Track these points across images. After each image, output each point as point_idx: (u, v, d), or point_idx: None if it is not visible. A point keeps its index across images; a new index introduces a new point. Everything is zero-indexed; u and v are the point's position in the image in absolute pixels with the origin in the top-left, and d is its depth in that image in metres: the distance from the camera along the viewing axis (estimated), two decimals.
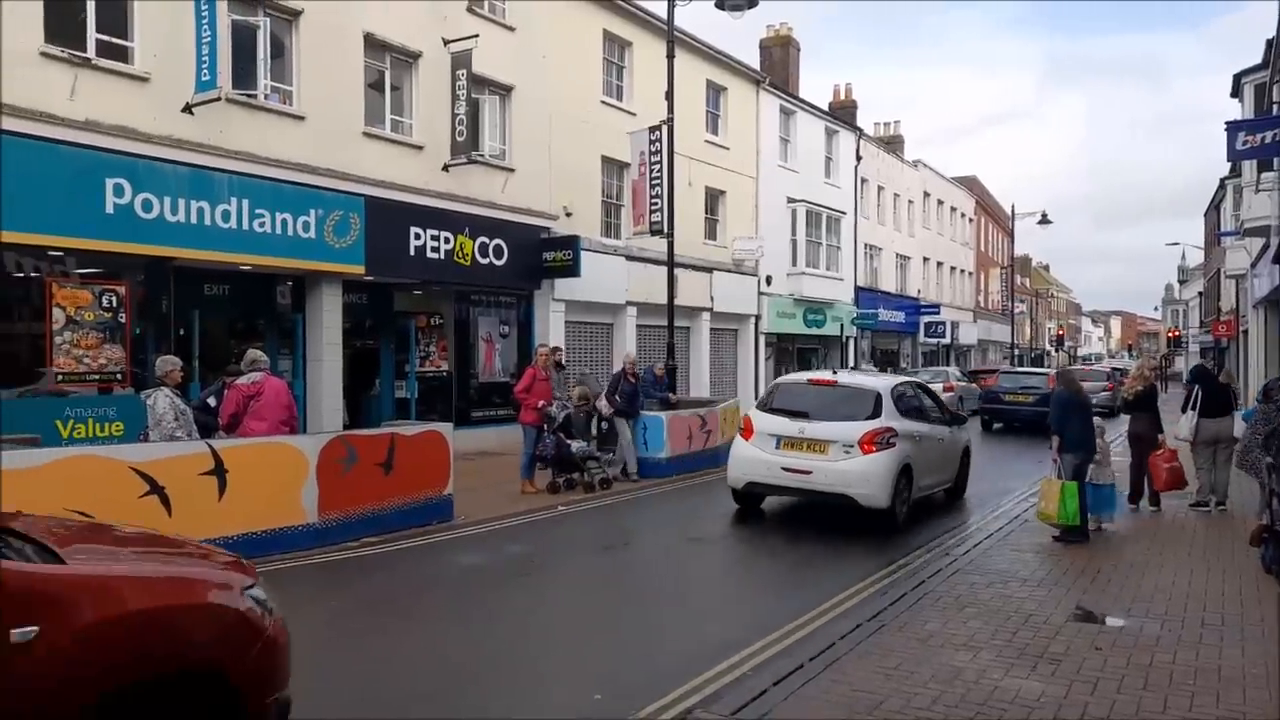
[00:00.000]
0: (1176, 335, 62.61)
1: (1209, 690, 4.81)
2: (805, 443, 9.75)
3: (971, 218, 46.63)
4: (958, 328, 42.09)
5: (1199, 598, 6.69)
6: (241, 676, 3.38)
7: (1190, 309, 63.50)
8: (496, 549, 8.65)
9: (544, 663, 5.59)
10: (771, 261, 25.91)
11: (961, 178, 46.99)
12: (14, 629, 2.75)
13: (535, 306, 17.94)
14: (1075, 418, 9.11)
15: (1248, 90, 23.28)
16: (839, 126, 31.01)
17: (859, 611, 6.39)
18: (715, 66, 23.85)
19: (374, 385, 15.94)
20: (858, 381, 11.02)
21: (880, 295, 33.77)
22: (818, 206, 28.07)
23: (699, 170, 22.62)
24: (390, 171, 14.63)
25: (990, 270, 50.91)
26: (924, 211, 39.42)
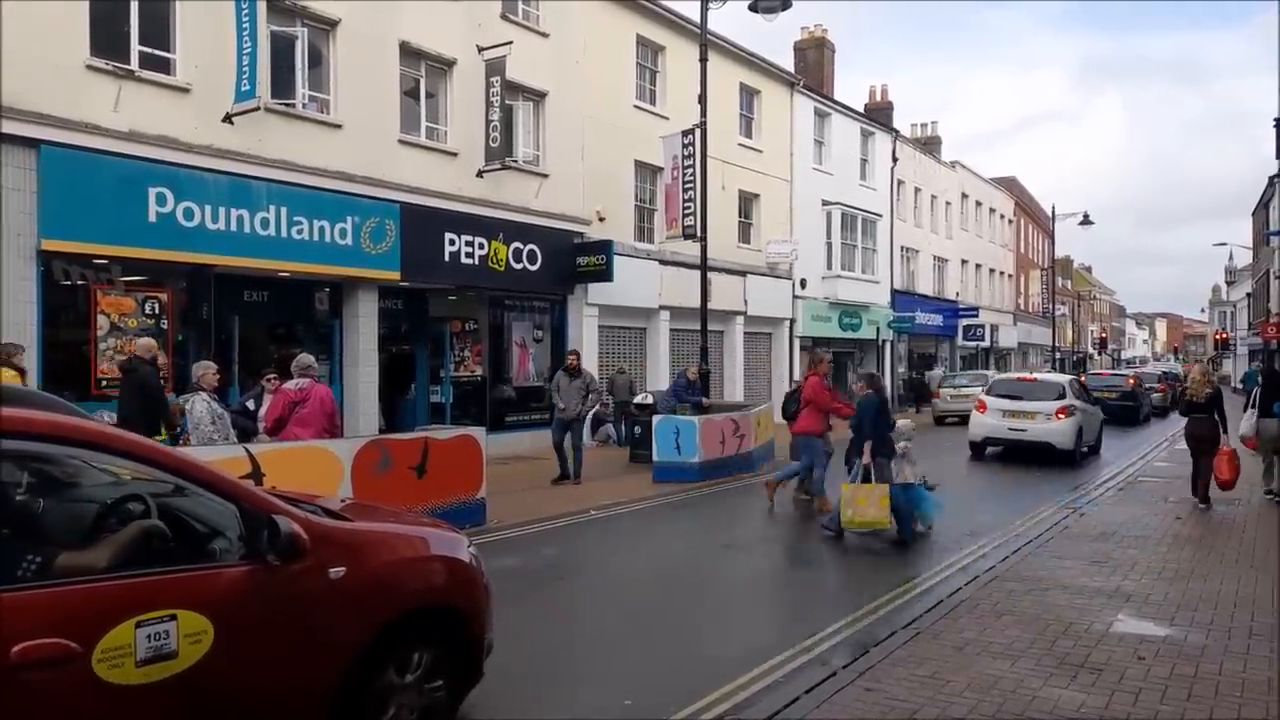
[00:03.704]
0: (1224, 338, 61.09)
1: (1257, 702, 4.67)
2: (1021, 413, 16.11)
3: (1011, 219, 45.94)
4: (997, 330, 41.48)
5: (1246, 605, 6.50)
6: (469, 614, 4.27)
7: (1238, 311, 61.99)
8: (529, 552, 8.67)
9: (575, 666, 5.58)
10: (806, 264, 25.75)
11: (1000, 179, 46.32)
12: (330, 568, 3.60)
13: (568, 311, 18.01)
14: (882, 422, 9.57)
15: None
16: (874, 128, 30.76)
17: (893, 619, 6.30)
18: (748, 69, 23.77)
19: (409, 390, 16.10)
20: (1049, 378, 19.26)
21: (917, 298, 33.40)
22: (853, 209, 27.84)
23: (732, 174, 22.55)
24: (425, 178, 14.78)
25: (1030, 272, 50.10)
26: (962, 213, 38.92)
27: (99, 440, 3.28)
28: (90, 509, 3.42)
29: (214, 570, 3.34)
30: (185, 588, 3.17)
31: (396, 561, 4.02)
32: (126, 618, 2.94)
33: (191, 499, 3.44)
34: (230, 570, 3.35)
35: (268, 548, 3.35)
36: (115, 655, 2.90)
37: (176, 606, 3.08)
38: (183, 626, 3.08)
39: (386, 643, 3.79)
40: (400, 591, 3.95)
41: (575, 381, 12.78)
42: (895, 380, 31.98)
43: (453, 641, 4.17)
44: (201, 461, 3.67)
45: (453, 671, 4.16)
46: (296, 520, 3.48)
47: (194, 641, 3.10)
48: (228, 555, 3.40)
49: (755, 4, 14.17)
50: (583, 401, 12.76)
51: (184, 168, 11.43)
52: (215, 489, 3.43)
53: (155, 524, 3.28)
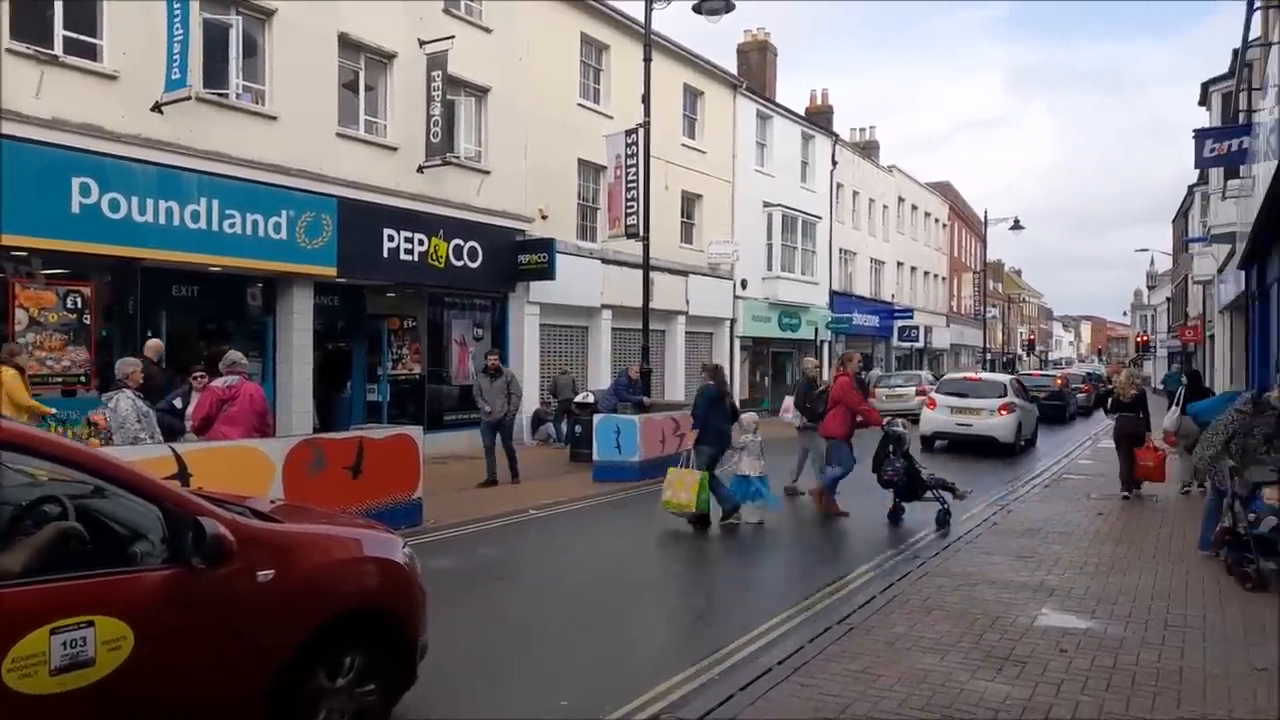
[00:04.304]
0: (1145, 340, 63.49)
1: (1170, 691, 4.86)
2: (967, 409, 17.46)
3: (945, 223, 47.05)
4: (931, 332, 42.45)
5: (1163, 598, 6.77)
6: (403, 617, 4.21)
7: (1158, 314, 64.43)
8: (467, 553, 8.59)
9: (511, 666, 5.55)
10: (747, 265, 26.00)
11: (935, 183, 47.43)
12: (258, 571, 3.52)
13: (510, 309, 17.89)
14: (716, 413, 9.83)
15: (1215, 99, 23.69)
16: (815, 131, 31.20)
17: (828, 615, 6.40)
18: (692, 70, 23.91)
19: (345, 388, 15.82)
20: (992, 377, 21.04)
21: (855, 299, 33.98)
22: (793, 211, 28.20)
23: (675, 174, 22.66)
24: (364, 172, 14.53)
25: (963, 275, 51.37)
26: (898, 217, 39.72)
27: (12, 440, 3.17)
28: (4, 511, 3.29)
29: (135, 574, 3.25)
30: (104, 593, 3.08)
31: (328, 564, 3.96)
32: (41, 625, 2.86)
33: (112, 501, 3.35)
34: (152, 574, 3.27)
35: (192, 551, 3.27)
36: (28, 664, 2.81)
37: (94, 612, 3.00)
38: (101, 633, 2.99)
39: (318, 646, 3.74)
40: (332, 594, 3.89)
41: (496, 382, 12.61)
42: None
43: (386, 644, 4.13)
44: (123, 462, 3.56)
45: (386, 675, 4.11)
46: (223, 522, 3.41)
47: (113, 648, 3.02)
48: (150, 559, 3.31)
49: (699, 5, 14.24)
50: (507, 401, 12.53)
51: (110, 157, 11.06)
52: (137, 490, 3.34)
53: (73, 526, 3.18)
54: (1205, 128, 18.58)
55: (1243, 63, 13.49)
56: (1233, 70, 19.24)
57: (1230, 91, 18.98)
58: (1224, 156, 14.15)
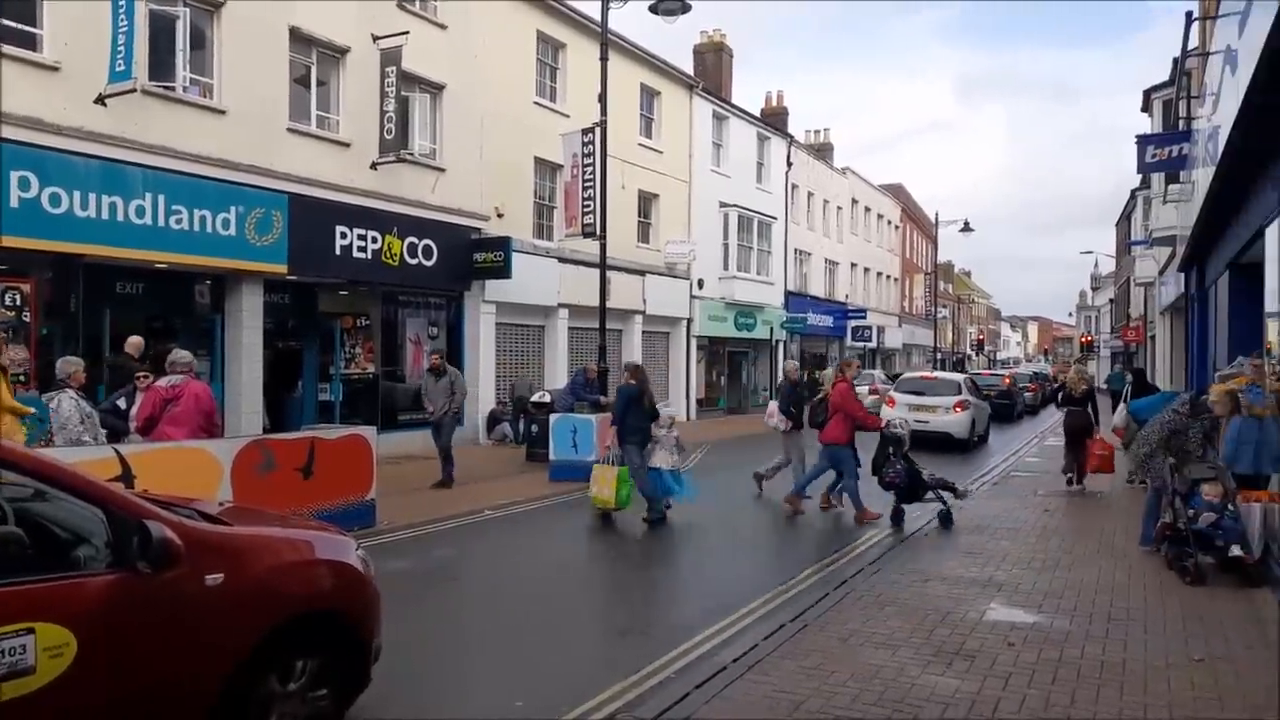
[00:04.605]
0: (1089, 341, 65.12)
1: (1114, 683, 4.99)
2: (924, 406, 17.99)
3: (897, 225, 47.75)
4: (883, 332, 43.05)
5: (1107, 592, 6.96)
6: (357, 619, 4.19)
7: (1102, 315, 66.11)
8: (421, 554, 8.51)
9: (466, 668, 5.51)
10: (703, 265, 26.12)
11: (888, 185, 48.12)
12: (207, 575, 3.47)
13: (465, 308, 17.75)
14: (634, 411, 10.26)
15: (1157, 106, 24.36)
16: (770, 133, 31.44)
17: (782, 612, 6.46)
18: (649, 70, 23.95)
19: (296, 387, 15.56)
20: (948, 376, 21.92)
21: (809, 300, 34.33)
22: (749, 211, 28.39)
23: (632, 173, 22.68)
24: (316, 169, 14.31)
25: (915, 276, 52.20)
26: (852, 218, 40.21)
27: None
28: None
29: (77, 580, 3.17)
30: (44, 599, 3.01)
31: (279, 567, 3.90)
32: None
33: (54, 504, 3.27)
34: (96, 579, 3.19)
35: (138, 555, 3.21)
36: None
37: (35, 619, 2.92)
38: (41, 640, 2.92)
39: (269, 650, 3.69)
40: (283, 598, 3.84)
41: (441, 381, 12.42)
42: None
43: (339, 647, 4.09)
44: (65, 464, 3.46)
45: (339, 678, 4.07)
46: (170, 525, 3.34)
47: (54, 655, 2.94)
48: (93, 563, 3.24)
49: (656, 5, 14.27)
50: (449, 401, 12.32)
51: (51, 150, 10.73)
52: (80, 493, 3.26)
53: (12, 531, 3.09)
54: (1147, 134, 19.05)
55: (1182, 71, 13.90)
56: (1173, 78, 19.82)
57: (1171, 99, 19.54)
58: (1165, 162, 14.54)
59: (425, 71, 16.42)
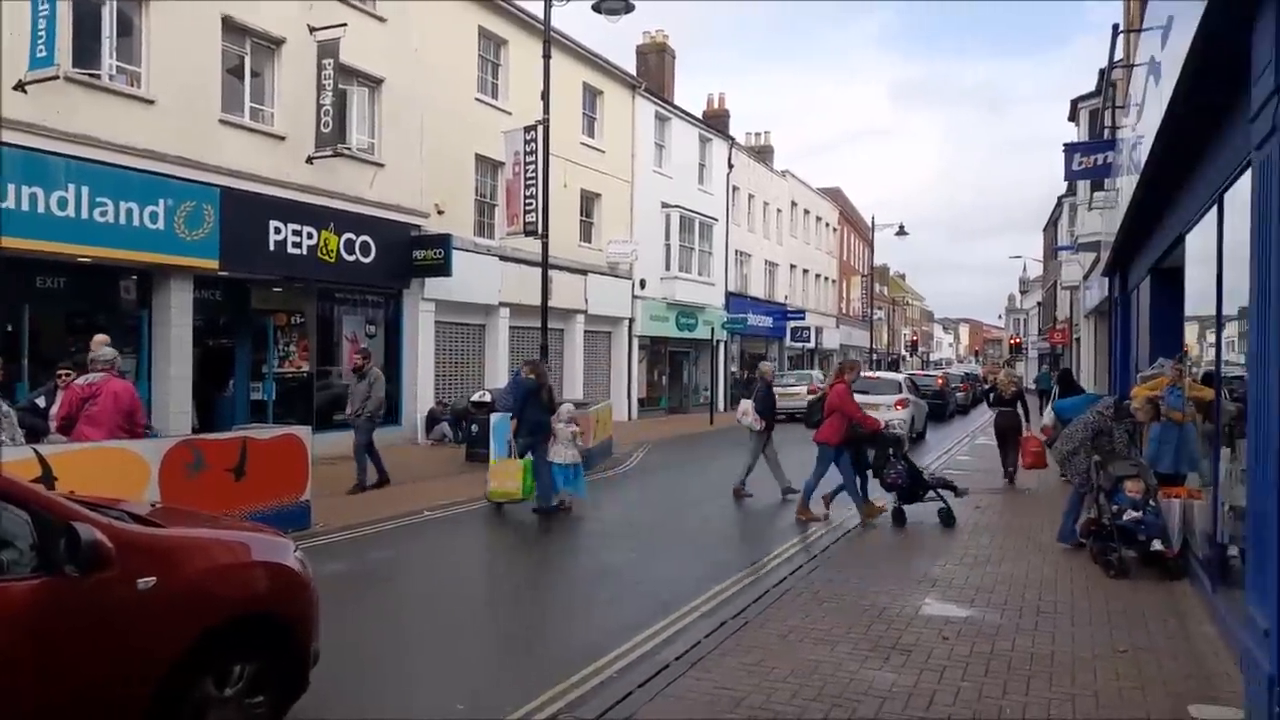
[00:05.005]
0: (1018, 342, 67.12)
1: (1043, 674, 5.15)
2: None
3: (835, 227, 48.51)
4: (821, 333, 43.70)
5: (1035, 586, 7.17)
6: (294, 622, 4.11)
7: (1030, 318, 68.17)
8: (358, 556, 8.35)
9: (406, 671, 5.43)
10: (646, 265, 26.19)
11: (826, 189, 48.85)
12: (139, 579, 3.37)
13: (404, 306, 17.50)
14: (532, 404, 10.57)
15: (1083, 115, 25.21)
16: (712, 134, 31.66)
17: (723, 610, 6.51)
18: (592, 69, 23.91)
19: (227, 386, 15.14)
20: (889, 376, 23.51)
21: (749, 300, 34.66)
22: (691, 212, 28.55)
23: (574, 172, 22.62)
24: (249, 162, 13.95)
25: (852, 278, 53.10)
26: (791, 220, 40.73)
27: None
28: None
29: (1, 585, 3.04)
30: None
31: (213, 569, 3.80)
32: None
33: None
34: (20, 584, 3.07)
35: (65, 558, 3.10)
36: None
37: None
38: None
39: (204, 655, 3.60)
40: (218, 601, 3.75)
41: (361, 382, 12.08)
42: (728, 378, 33.06)
43: (277, 651, 4.01)
44: None
45: (276, 683, 3.99)
46: (100, 527, 3.23)
47: None
48: (17, 567, 3.12)
49: (599, 4, 14.24)
50: (364, 402, 11.89)
51: None
52: (2, 494, 3.12)
53: None
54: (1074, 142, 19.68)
55: (1108, 82, 14.38)
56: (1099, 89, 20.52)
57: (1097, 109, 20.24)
58: (1091, 170, 15.03)
59: (363, 65, 16.14)
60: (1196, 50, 4.82)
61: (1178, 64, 5.36)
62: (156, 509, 4.56)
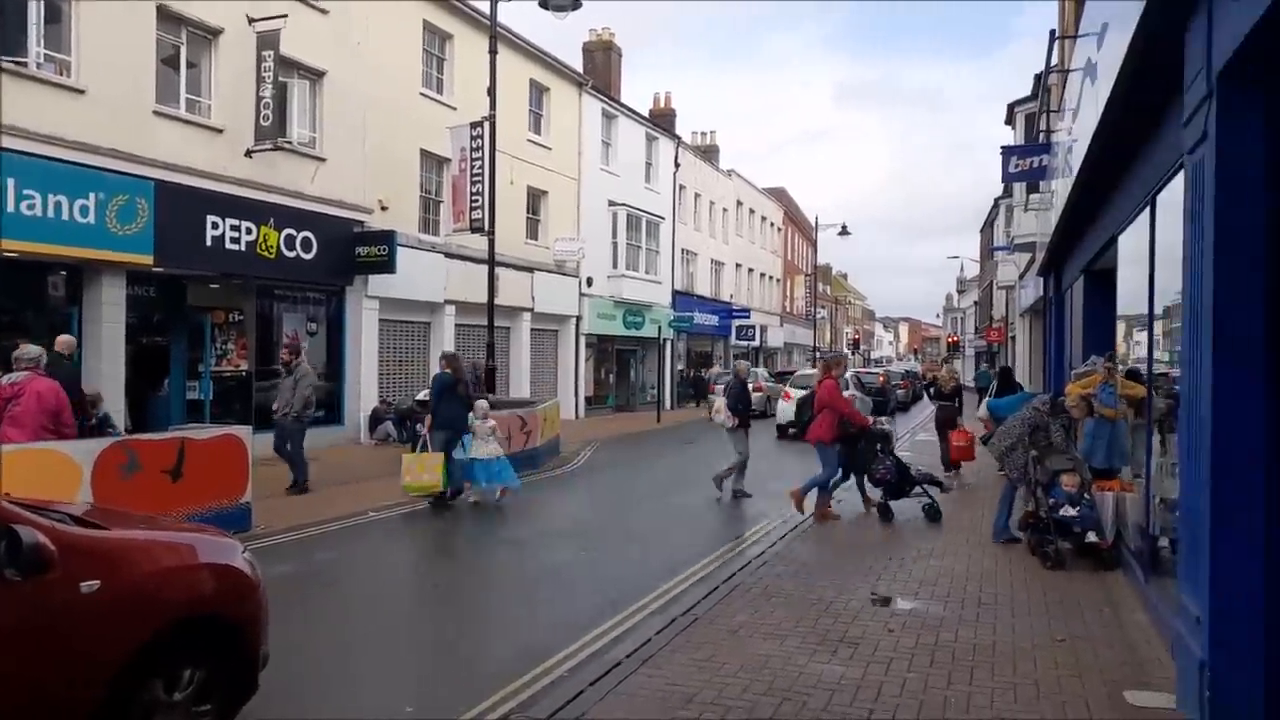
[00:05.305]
0: (955, 341, 68.62)
1: (985, 664, 5.27)
2: None
3: (780, 227, 49.02)
4: (766, 331, 44.13)
5: (976, 579, 7.33)
6: (243, 625, 4.04)
7: (967, 316, 69.79)
8: (302, 558, 8.18)
9: (353, 674, 5.34)
10: (592, 263, 26.14)
11: (771, 189, 49.32)
12: (82, 582, 3.28)
13: (347, 303, 17.20)
14: (448, 400, 10.69)
15: (1020, 119, 25.86)
16: (659, 133, 31.73)
17: (673, 607, 6.53)
18: (538, 66, 23.77)
19: (162, 386, 14.70)
20: None
21: (696, 299, 34.84)
22: (638, 211, 28.58)
23: (521, 169, 22.47)
24: (185, 155, 13.57)
25: (796, 277, 53.71)
26: (737, 220, 41.04)
27: None
28: None
29: None
30: None
31: (160, 571, 3.73)
32: None
33: None
34: None
35: (6, 561, 3.01)
36: None
37: None
38: None
39: (150, 660, 3.52)
40: (165, 604, 3.67)
41: (288, 379, 11.69)
42: (675, 376, 33.20)
43: (225, 654, 3.94)
44: None
45: (225, 686, 3.92)
46: (42, 530, 3.13)
47: None
48: None
49: (546, 1, 14.16)
50: (291, 399, 11.45)
51: None
52: None
53: None
54: (1011, 145, 20.22)
55: (1044, 87, 14.79)
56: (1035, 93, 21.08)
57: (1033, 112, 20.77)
58: (1027, 172, 15.45)
59: (305, 57, 15.81)
60: (1135, 51, 4.96)
61: (1115, 67, 5.53)
62: (101, 510, 4.43)
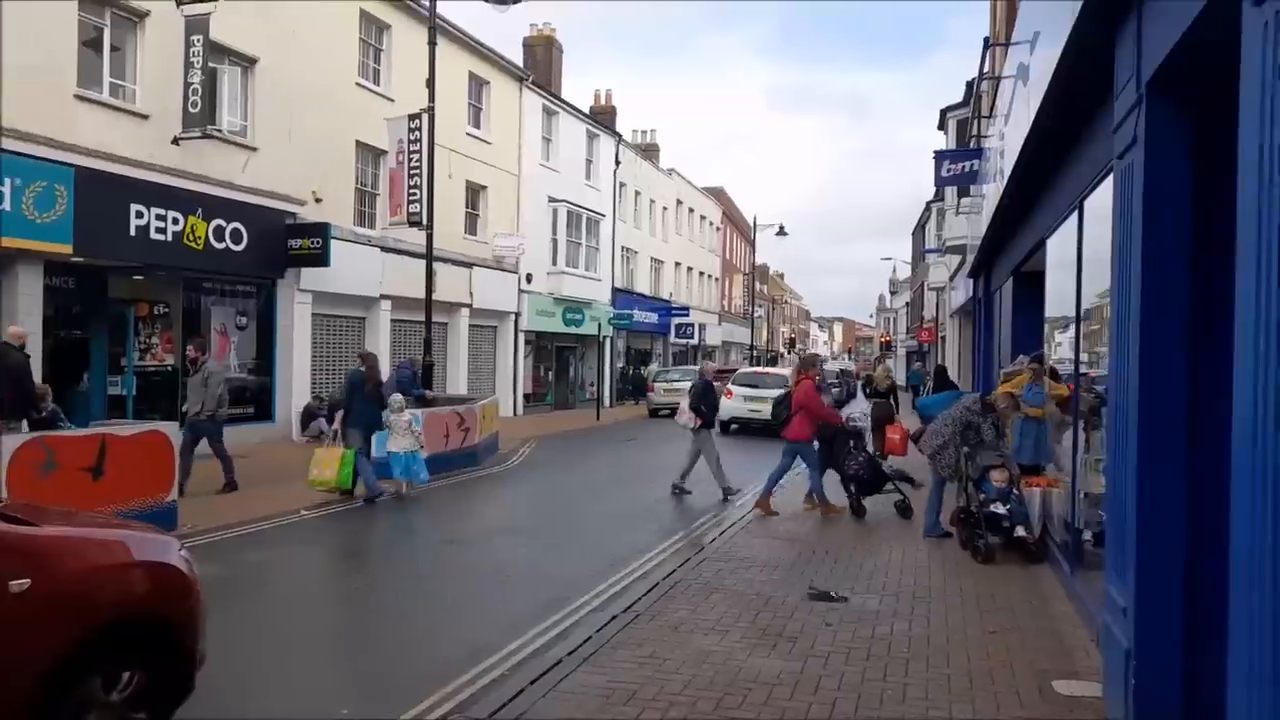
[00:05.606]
0: (888, 340, 70.12)
1: (920, 657, 5.38)
2: (757, 398, 19.21)
3: (718, 226, 49.39)
4: (704, 329, 44.42)
5: (910, 572, 7.49)
6: (179, 623, 3.94)
7: (899, 317, 71.30)
8: (231, 559, 7.93)
9: (286, 678, 5.20)
10: (532, 260, 25.96)
11: (710, 188, 49.63)
12: (11, 581, 3.16)
13: (279, 297, 16.76)
14: (359, 398, 10.91)
15: (951, 124, 26.50)
16: (599, 130, 31.65)
17: (614, 604, 6.52)
18: (478, 59, 23.50)
19: (82, 380, 14.13)
20: (777, 371, 23.45)
21: (635, 297, 34.88)
22: (578, 207, 28.48)
23: (460, 163, 22.18)
24: (108, 141, 13.05)
25: (734, 276, 54.20)
26: (677, 218, 41.21)
27: None
28: None
29: None
30: None
31: (94, 569, 3.62)
32: None
33: None
34: None
35: None
36: None
37: None
38: None
39: (85, 660, 3.41)
40: (99, 603, 3.57)
41: (195, 376, 11.24)
42: (615, 374, 33.18)
43: (162, 654, 3.86)
44: None
45: (161, 687, 3.81)
46: None
47: None
48: None
49: None
50: (201, 401, 10.93)
51: None
52: None
53: None
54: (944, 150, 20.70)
55: (976, 94, 15.18)
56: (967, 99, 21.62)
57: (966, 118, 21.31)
58: (958, 176, 15.84)
59: (236, 43, 15.35)
60: (1067, 57, 5.11)
61: (1047, 73, 5.69)
62: (26, 506, 4.27)
